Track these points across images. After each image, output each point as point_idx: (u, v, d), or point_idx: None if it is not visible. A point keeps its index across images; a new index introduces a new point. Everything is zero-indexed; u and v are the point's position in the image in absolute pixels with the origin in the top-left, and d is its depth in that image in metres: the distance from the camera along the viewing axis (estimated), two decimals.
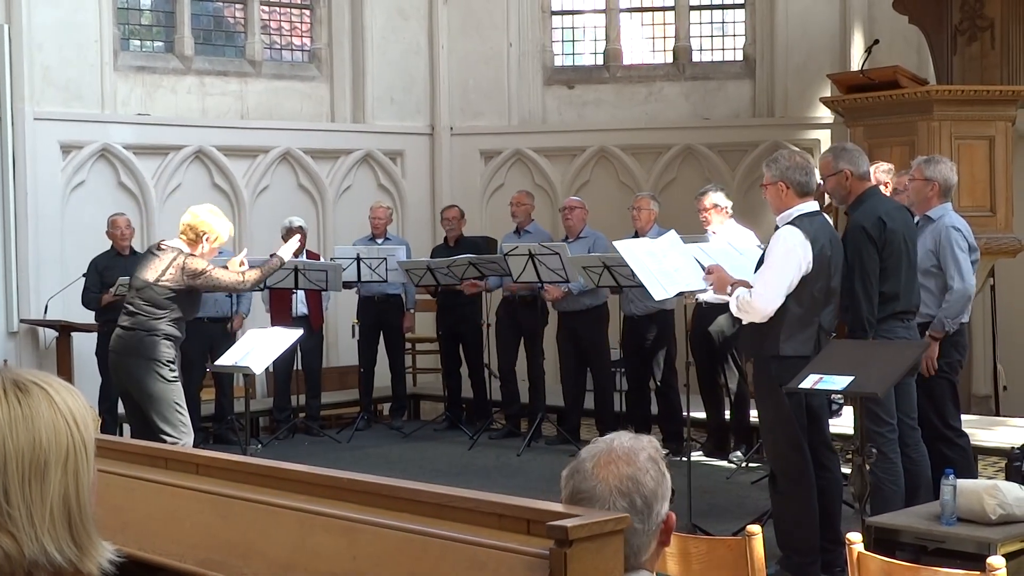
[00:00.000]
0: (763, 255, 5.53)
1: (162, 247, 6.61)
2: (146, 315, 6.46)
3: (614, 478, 2.20)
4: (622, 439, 2.27)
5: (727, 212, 8.20)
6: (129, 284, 6.83)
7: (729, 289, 5.48)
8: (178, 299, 6.48)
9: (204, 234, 6.51)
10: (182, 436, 6.41)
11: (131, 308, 6.55)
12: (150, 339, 6.44)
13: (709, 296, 7.87)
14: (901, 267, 5.64)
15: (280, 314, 9.57)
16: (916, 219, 6.22)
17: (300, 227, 9.88)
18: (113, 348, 6.66)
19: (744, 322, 5.49)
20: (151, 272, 6.48)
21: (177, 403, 6.47)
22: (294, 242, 7.26)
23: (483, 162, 12.24)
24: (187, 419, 6.55)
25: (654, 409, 8.90)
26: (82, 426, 1.55)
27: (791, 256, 5.26)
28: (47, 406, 1.53)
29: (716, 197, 8.17)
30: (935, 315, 6.14)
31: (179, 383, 6.56)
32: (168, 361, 6.47)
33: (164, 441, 6.10)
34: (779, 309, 5.30)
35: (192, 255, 6.49)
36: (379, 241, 10.05)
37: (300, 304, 9.79)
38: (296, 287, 9.39)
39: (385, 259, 9.52)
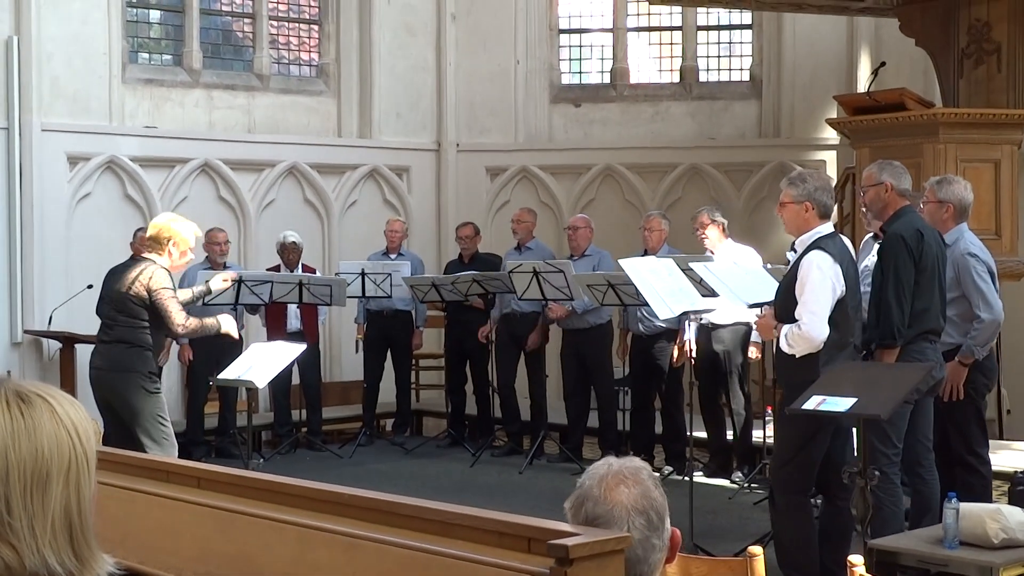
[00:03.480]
0: (785, 280, 5.51)
1: (136, 258, 6.57)
2: (123, 326, 6.37)
3: (627, 498, 2.19)
4: (618, 461, 2.27)
5: (724, 230, 8.26)
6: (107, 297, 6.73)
7: (775, 332, 5.44)
8: (148, 311, 6.34)
9: (169, 239, 6.38)
10: (165, 449, 6.32)
11: (109, 322, 6.48)
12: (130, 351, 6.36)
13: (715, 317, 7.89)
14: (934, 285, 5.62)
15: (275, 330, 9.56)
16: None
17: (294, 242, 9.88)
18: (93, 363, 6.60)
19: (798, 355, 5.36)
20: (123, 282, 6.39)
21: (160, 416, 6.38)
22: (230, 320, 6.79)
23: (489, 179, 12.25)
24: (170, 431, 6.46)
25: (658, 428, 8.88)
26: (84, 438, 1.55)
27: (826, 280, 5.27)
28: (49, 417, 1.53)
29: (713, 214, 8.29)
30: (955, 342, 6.05)
31: (161, 395, 6.47)
32: (149, 372, 6.39)
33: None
34: None
35: (161, 267, 6.37)
36: (392, 256, 10.05)
37: (294, 319, 9.77)
38: (300, 301, 9.38)
39: (390, 275, 9.52)
